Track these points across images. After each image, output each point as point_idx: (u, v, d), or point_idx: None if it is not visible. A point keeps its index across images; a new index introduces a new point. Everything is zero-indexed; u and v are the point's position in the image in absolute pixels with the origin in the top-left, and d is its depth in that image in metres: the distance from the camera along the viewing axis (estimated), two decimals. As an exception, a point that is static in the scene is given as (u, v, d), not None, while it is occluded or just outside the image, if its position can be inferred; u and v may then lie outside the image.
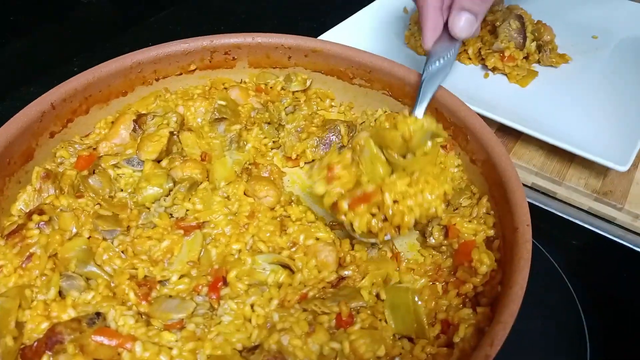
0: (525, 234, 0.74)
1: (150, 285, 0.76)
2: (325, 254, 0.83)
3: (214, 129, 1.02)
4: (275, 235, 0.86)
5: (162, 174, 0.89)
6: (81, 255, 0.78)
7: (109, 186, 0.89)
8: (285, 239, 0.86)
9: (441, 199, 0.81)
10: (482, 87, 1.23)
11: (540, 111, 1.15)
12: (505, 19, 1.22)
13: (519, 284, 0.68)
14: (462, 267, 0.80)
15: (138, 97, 1.06)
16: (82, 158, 0.94)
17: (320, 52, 1.10)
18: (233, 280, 0.78)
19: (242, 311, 0.75)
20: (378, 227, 0.80)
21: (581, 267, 1.01)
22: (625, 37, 1.36)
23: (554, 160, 1.09)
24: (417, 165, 0.79)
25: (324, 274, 0.81)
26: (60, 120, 0.95)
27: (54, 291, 0.74)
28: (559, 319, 0.92)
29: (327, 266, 0.82)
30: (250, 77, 1.15)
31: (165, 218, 0.85)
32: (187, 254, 0.81)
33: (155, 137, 0.94)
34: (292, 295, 0.77)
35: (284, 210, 0.91)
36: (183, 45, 1.07)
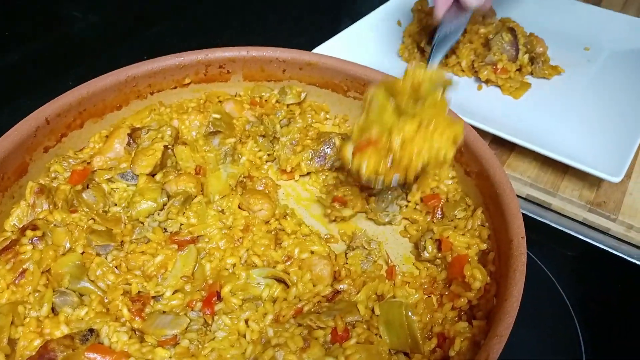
0: (520, 246, 0.75)
1: (143, 301, 0.75)
2: (320, 267, 0.82)
3: (209, 142, 1.02)
4: (270, 249, 0.85)
5: (156, 188, 0.89)
6: (74, 271, 0.78)
7: (103, 201, 0.88)
8: (280, 253, 0.85)
9: (451, 143, 0.78)
10: (476, 99, 1.24)
11: (533, 123, 1.16)
12: (498, 32, 1.23)
13: (514, 296, 0.68)
14: (456, 281, 0.80)
15: (133, 111, 1.06)
16: (76, 172, 0.93)
17: (315, 65, 1.10)
18: (227, 295, 0.78)
19: (237, 326, 0.75)
20: (386, 169, 0.78)
21: (576, 277, 1.01)
22: (616, 49, 1.37)
23: (548, 171, 1.10)
24: (426, 113, 0.78)
25: (319, 288, 0.81)
26: (54, 135, 0.95)
27: (46, 307, 0.74)
28: (554, 330, 0.92)
29: (322, 280, 0.82)
30: (244, 90, 1.15)
31: (159, 233, 0.85)
32: (181, 269, 0.80)
33: (149, 151, 0.94)
34: (287, 309, 0.76)
35: (279, 223, 0.91)
36: (178, 59, 1.08)
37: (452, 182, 0.97)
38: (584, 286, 0.99)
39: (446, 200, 0.95)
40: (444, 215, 0.93)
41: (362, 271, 0.85)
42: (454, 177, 0.97)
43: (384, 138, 0.78)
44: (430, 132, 0.77)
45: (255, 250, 0.85)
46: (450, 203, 0.94)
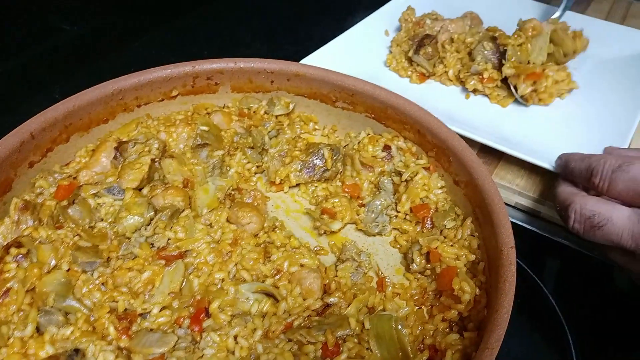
0: (509, 256, 0.74)
1: (130, 319, 0.74)
2: (310, 280, 0.82)
3: (196, 155, 1.01)
4: (259, 262, 0.85)
5: (143, 202, 0.88)
6: (60, 289, 0.76)
7: (89, 216, 0.87)
8: (269, 267, 0.85)
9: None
10: (464, 108, 1.24)
11: (521, 131, 1.16)
12: (480, 42, 1.24)
13: (504, 307, 0.68)
14: (446, 293, 0.80)
15: (119, 124, 1.05)
16: (62, 187, 0.92)
17: (303, 76, 1.10)
18: (215, 311, 0.77)
19: (225, 343, 0.74)
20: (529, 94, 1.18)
21: (565, 285, 1.01)
22: (602, 57, 1.38)
23: (536, 179, 1.10)
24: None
25: (309, 302, 0.80)
26: (39, 150, 0.94)
27: (31, 327, 0.72)
28: (544, 337, 0.92)
29: (312, 293, 0.81)
30: (233, 102, 1.15)
31: (146, 248, 0.84)
32: (169, 285, 0.79)
33: (136, 164, 0.93)
34: (276, 325, 0.76)
35: (268, 236, 0.90)
36: (165, 71, 1.07)
37: (442, 192, 0.97)
38: (574, 293, 0.99)
39: (435, 210, 0.95)
40: (433, 225, 0.93)
41: (352, 283, 0.85)
42: (443, 186, 0.97)
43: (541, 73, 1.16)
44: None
45: (244, 265, 0.84)
46: (440, 213, 0.93)
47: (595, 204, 0.80)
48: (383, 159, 1.03)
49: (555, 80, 1.22)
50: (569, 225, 0.83)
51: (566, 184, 0.90)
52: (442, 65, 1.29)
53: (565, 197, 0.85)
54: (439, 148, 0.96)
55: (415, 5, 1.47)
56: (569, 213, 0.82)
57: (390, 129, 1.06)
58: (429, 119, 0.98)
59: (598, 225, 0.78)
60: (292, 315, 0.78)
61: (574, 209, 0.82)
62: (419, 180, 0.97)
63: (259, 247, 0.88)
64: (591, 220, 0.79)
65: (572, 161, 0.89)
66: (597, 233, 0.79)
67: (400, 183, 0.98)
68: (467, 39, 1.27)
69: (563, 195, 0.86)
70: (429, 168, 0.99)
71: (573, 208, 0.82)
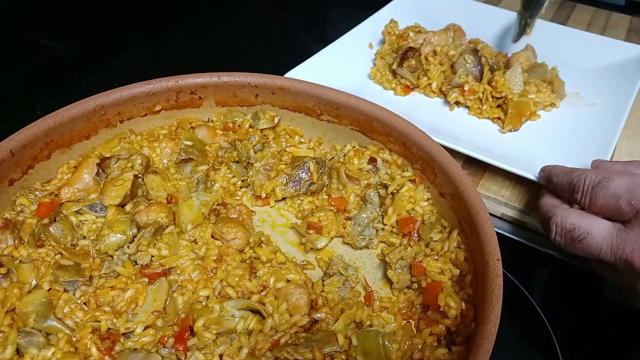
0: (495, 268, 0.74)
1: (113, 339, 0.73)
2: (297, 296, 0.81)
3: (180, 170, 1.00)
4: (245, 279, 0.84)
5: (126, 219, 0.87)
6: (41, 309, 0.75)
7: (71, 234, 0.86)
8: (255, 283, 0.84)
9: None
10: (448, 119, 1.25)
11: (506, 142, 1.17)
12: (462, 54, 1.25)
13: (492, 321, 0.68)
14: (433, 308, 0.79)
15: (102, 140, 1.04)
16: (43, 205, 0.91)
17: (288, 89, 1.10)
18: (200, 329, 0.75)
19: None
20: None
21: (553, 294, 1.02)
22: (584, 67, 1.40)
23: (521, 190, 1.10)
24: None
25: (295, 318, 0.79)
26: (20, 167, 0.93)
27: (11, 349, 0.70)
28: (532, 347, 0.92)
29: (298, 309, 0.80)
30: (217, 116, 1.14)
31: (129, 266, 0.82)
32: (152, 304, 0.78)
33: (119, 181, 0.91)
34: (262, 342, 0.74)
35: (254, 252, 0.89)
36: (147, 86, 1.06)
37: (428, 204, 0.96)
38: (561, 303, 0.99)
39: (422, 223, 0.94)
40: (420, 238, 0.93)
41: (339, 298, 0.84)
42: (429, 198, 0.97)
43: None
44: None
45: (229, 281, 0.83)
46: (427, 225, 0.93)
47: (576, 217, 0.80)
48: (369, 171, 1.03)
49: (538, 102, 1.24)
50: (551, 237, 0.84)
51: (549, 195, 0.91)
52: (426, 78, 1.30)
53: (548, 209, 0.86)
54: (424, 160, 0.96)
55: (399, 18, 1.48)
56: (550, 225, 0.84)
57: (375, 142, 1.06)
58: (414, 131, 0.98)
59: (578, 239, 0.79)
60: (279, 332, 0.76)
61: (555, 222, 0.83)
62: (405, 193, 0.96)
63: (245, 262, 0.87)
64: (571, 233, 0.80)
65: (554, 175, 0.90)
66: (578, 246, 0.80)
67: (387, 195, 0.98)
68: (450, 51, 1.28)
69: (545, 207, 0.87)
70: (414, 180, 0.99)
71: (554, 221, 0.83)
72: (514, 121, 1.19)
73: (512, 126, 1.19)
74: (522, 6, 1.34)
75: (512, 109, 1.19)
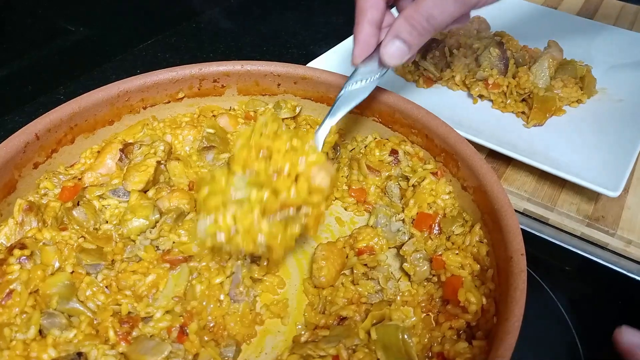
0: (519, 263, 0.73)
1: (132, 323, 0.73)
2: (320, 178, 0.74)
3: (202, 157, 1.00)
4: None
5: (149, 205, 0.87)
6: (63, 291, 0.75)
7: (94, 218, 0.87)
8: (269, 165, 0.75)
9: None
10: (471, 112, 1.23)
11: (530, 136, 1.15)
12: (486, 47, 1.23)
13: (515, 316, 0.67)
14: (453, 302, 0.79)
15: (125, 126, 1.05)
16: (67, 189, 0.91)
17: (310, 79, 1.09)
18: (194, 331, 0.75)
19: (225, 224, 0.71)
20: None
21: (575, 293, 1.00)
22: (612, 62, 1.38)
23: (545, 185, 1.09)
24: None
25: (314, 197, 0.74)
26: (44, 151, 0.93)
27: (34, 330, 0.71)
28: (554, 347, 0.91)
29: (320, 191, 0.74)
30: (239, 105, 1.14)
31: (151, 251, 0.83)
32: (173, 289, 0.78)
33: (142, 166, 0.92)
34: (272, 204, 0.71)
35: None
36: (171, 73, 1.06)
37: (449, 197, 0.95)
38: (584, 302, 0.97)
39: (443, 216, 0.93)
40: (441, 231, 0.92)
41: (367, 297, 0.83)
42: (451, 192, 0.96)
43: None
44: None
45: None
46: (448, 219, 0.92)
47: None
48: (390, 163, 1.02)
49: (564, 97, 1.22)
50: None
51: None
52: (449, 70, 1.28)
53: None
54: (447, 153, 0.95)
55: (423, 9, 1.46)
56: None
57: (397, 134, 1.05)
58: (437, 123, 0.96)
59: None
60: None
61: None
62: (427, 186, 0.95)
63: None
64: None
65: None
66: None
67: (408, 188, 0.97)
68: (474, 44, 1.26)
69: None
70: (436, 173, 0.98)
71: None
72: (538, 116, 1.17)
73: (537, 121, 1.17)
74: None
75: (537, 104, 1.17)
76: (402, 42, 0.84)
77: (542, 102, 1.17)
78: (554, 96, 1.19)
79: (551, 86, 1.21)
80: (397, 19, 0.84)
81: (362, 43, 0.89)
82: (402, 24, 0.83)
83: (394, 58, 0.85)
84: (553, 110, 1.18)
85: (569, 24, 1.53)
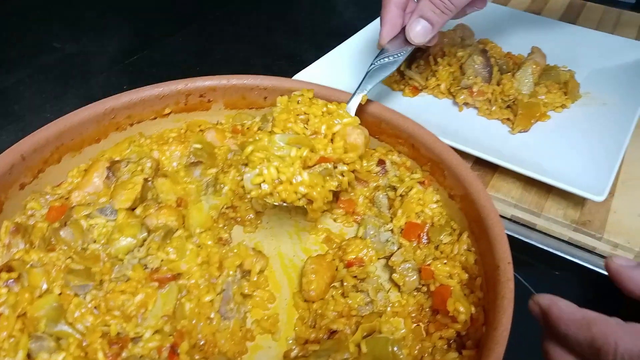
0: (506, 272, 0.74)
1: (122, 344, 0.73)
2: (355, 136, 0.85)
3: (190, 173, 1.00)
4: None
5: (136, 223, 0.87)
6: (52, 314, 0.75)
7: (82, 238, 0.86)
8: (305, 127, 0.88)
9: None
10: (457, 120, 1.24)
11: (515, 143, 1.16)
12: (470, 55, 1.24)
13: (503, 325, 0.67)
14: (442, 312, 0.79)
15: (112, 143, 1.04)
16: (54, 209, 0.91)
17: (296, 91, 1.09)
18: (185, 351, 0.74)
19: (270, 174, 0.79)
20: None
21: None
22: (595, 66, 1.39)
23: (531, 191, 1.10)
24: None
25: (350, 155, 0.85)
26: (30, 171, 0.93)
27: (22, 354, 0.70)
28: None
29: (356, 148, 0.85)
30: (226, 119, 1.14)
31: (139, 270, 0.83)
32: (162, 308, 0.78)
33: (129, 184, 0.92)
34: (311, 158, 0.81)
35: None
36: (157, 89, 1.06)
37: (437, 206, 0.96)
38: (573, 306, 0.98)
39: (431, 225, 0.94)
40: (429, 240, 0.92)
41: (358, 310, 0.83)
42: (439, 200, 0.97)
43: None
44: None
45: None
46: (436, 227, 0.92)
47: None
48: (377, 173, 1.03)
49: (548, 103, 1.23)
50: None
51: (557, 346, 0.62)
52: (435, 79, 1.29)
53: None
54: (434, 162, 0.96)
55: (407, 18, 1.47)
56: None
57: (384, 143, 1.06)
58: (423, 132, 0.97)
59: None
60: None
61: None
62: (414, 195, 0.96)
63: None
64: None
65: (561, 322, 0.61)
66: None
67: (396, 198, 0.98)
68: (458, 52, 1.27)
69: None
70: (423, 182, 0.98)
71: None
72: (523, 122, 1.18)
73: (522, 127, 1.18)
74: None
75: (521, 110, 1.18)
76: (426, 21, 0.95)
77: (527, 108, 1.18)
78: (538, 102, 1.20)
79: (535, 92, 1.23)
80: (421, 1, 0.94)
81: (389, 24, 0.99)
82: (426, 4, 0.93)
83: (420, 36, 0.96)
84: (538, 116, 1.20)
85: (552, 30, 1.54)
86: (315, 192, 0.81)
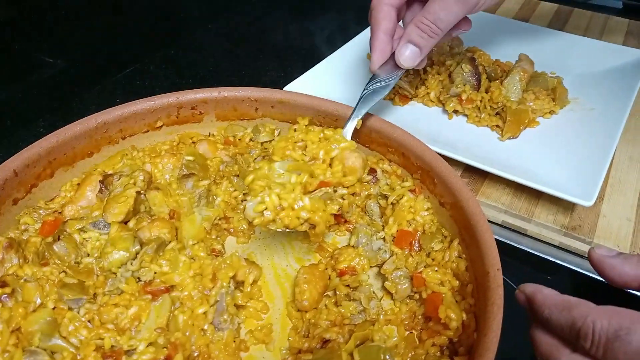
0: (496, 278, 0.74)
1: (116, 357, 0.73)
2: (352, 160, 0.87)
3: (182, 185, 1.01)
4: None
5: (129, 236, 0.87)
6: (45, 328, 0.75)
7: (75, 252, 0.87)
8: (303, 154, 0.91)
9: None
10: (447, 128, 1.25)
11: (505, 150, 1.18)
12: (459, 63, 1.25)
13: (493, 331, 0.68)
14: (434, 319, 0.80)
15: (104, 157, 1.05)
16: (47, 223, 0.91)
17: (287, 102, 1.11)
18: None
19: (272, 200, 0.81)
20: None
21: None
22: (582, 72, 1.41)
23: (522, 197, 1.11)
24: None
25: (349, 178, 0.86)
26: (23, 186, 0.94)
27: (16, 369, 0.71)
28: (535, 358, 0.92)
29: (354, 171, 0.86)
30: (218, 130, 1.15)
31: (132, 283, 0.83)
32: (155, 321, 0.78)
33: (121, 197, 0.92)
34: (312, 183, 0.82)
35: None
36: (149, 103, 1.07)
37: (428, 214, 0.97)
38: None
39: (423, 232, 0.95)
40: (421, 248, 0.93)
41: (349, 321, 0.83)
42: (429, 208, 0.98)
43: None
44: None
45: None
46: (427, 235, 0.94)
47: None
48: (369, 182, 1.04)
49: (537, 109, 1.24)
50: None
51: (543, 332, 0.65)
52: (424, 87, 1.30)
53: (547, 352, 0.64)
54: (424, 170, 0.97)
55: (396, 28, 1.49)
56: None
57: (375, 152, 1.07)
58: (412, 141, 0.98)
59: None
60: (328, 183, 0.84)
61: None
62: (405, 203, 0.97)
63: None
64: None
65: (544, 307, 0.64)
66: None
67: (387, 206, 0.99)
68: (447, 61, 1.29)
69: (543, 348, 0.64)
70: (414, 190, 0.99)
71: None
72: (512, 129, 1.19)
73: (511, 134, 1.20)
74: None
75: (510, 117, 1.19)
76: (414, 46, 0.97)
77: (515, 115, 1.20)
78: (526, 108, 1.22)
79: (523, 99, 1.24)
80: (408, 26, 0.97)
81: (378, 51, 1.01)
82: (413, 29, 0.96)
83: (409, 60, 0.99)
84: (526, 122, 1.21)
85: (539, 37, 1.56)
86: (317, 217, 0.82)
